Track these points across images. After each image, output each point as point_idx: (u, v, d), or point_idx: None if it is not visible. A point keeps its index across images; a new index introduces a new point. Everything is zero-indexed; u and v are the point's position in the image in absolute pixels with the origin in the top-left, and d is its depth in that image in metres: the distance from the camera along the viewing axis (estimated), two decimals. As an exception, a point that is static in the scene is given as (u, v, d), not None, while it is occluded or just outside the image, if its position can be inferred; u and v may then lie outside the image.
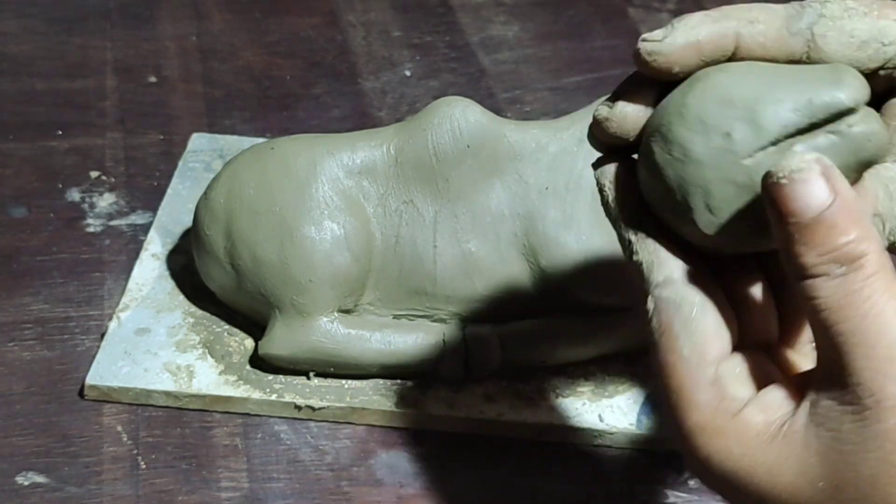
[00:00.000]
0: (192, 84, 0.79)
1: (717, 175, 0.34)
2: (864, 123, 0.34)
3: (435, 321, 0.57)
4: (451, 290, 0.57)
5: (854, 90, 0.34)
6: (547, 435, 0.55)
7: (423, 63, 0.83)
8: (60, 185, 0.69)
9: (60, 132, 0.74)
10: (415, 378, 0.57)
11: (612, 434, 0.55)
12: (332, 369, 0.56)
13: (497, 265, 0.56)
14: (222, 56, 0.83)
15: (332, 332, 0.56)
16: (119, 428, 0.55)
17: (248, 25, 0.86)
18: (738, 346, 0.36)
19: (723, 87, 0.35)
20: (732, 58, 0.36)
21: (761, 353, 0.37)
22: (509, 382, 0.57)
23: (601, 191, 0.38)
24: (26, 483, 0.52)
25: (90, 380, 0.56)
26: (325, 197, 0.56)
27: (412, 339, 0.56)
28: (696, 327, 0.35)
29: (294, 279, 0.55)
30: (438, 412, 0.55)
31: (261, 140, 0.70)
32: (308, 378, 0.56)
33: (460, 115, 0.57)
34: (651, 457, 0.55)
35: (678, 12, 0.90)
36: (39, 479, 0.52)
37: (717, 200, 0.35)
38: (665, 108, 0.36)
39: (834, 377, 0.32)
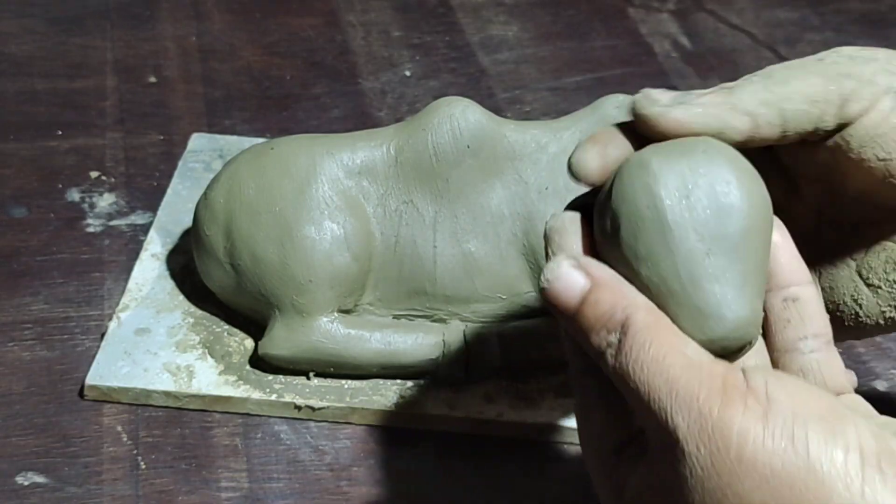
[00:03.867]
0: (192, 84, 0.79)
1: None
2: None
3: (435, 321, 0.57)
4: (451, 290, 0.57)
5: (731, 340, 0.34)
6: (547, 435, 0.55)
7: (423, 63, 0.83)
8: (60, 185, 0.69)
9: (60, 132, 0.74)
10: (415, 378, 0.57)
11: (612, 434, 0.55)
12: (332, 369, 0.56)
13: (497, 265, 0.57)
14: (222, 56, 0.83)
15: (332, 333, 0.56)
16: (119, 428, 0.55)
17: (247, 25, 0.86)
18: None
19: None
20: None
21: None
22: (509, 382, 0.57)
23: (549, 241, 0.38)
24: (26, 483, 0.52)
25: (90, 380, 0.56)
26: (325, 197, 0.56)
27: (412, 339, 0.56)
28: (605, 414, 0.36)
29: (294, 279, 0.55)
30: (438, 412, 0.55)
31: (261, 140, 0.70)
32: (308, 378, 0.56)
33: (460, 115, 0.57)
34: (651, 457, 0.55)
35: (678, 12, 0.90)
36: (39, 479, 0.52)
37: None
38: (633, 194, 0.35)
39: (649, 428, 0.34)
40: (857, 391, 0.38)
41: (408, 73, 0.82)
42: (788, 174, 0.41)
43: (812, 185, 0.41)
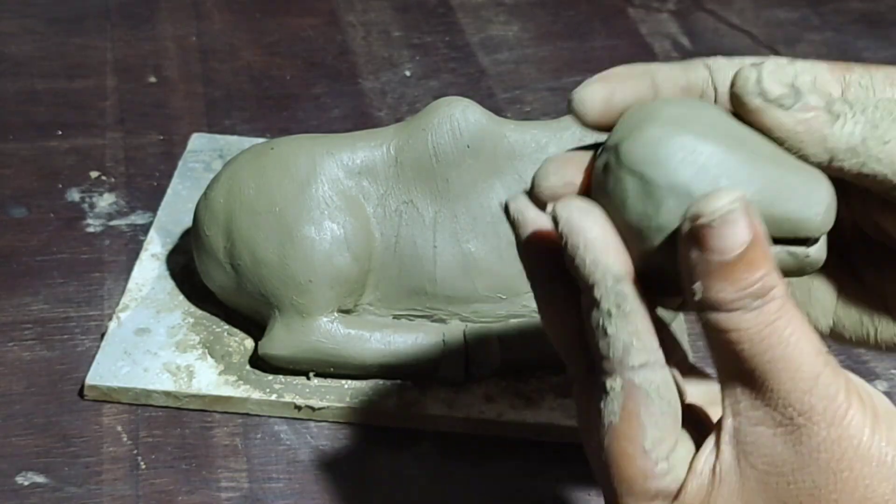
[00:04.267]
0: (192, 84, 0.79)
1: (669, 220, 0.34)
2: (819, 253, 0.35)
3: (435, 321, 0.57)
4: (451, 290, 0.57)
5: (830, 218, 0.34)
6: (547, 435, 0.55)
7: (423, 63, 0.83)
8: (60, 185, 0.69)
9: (60, 132, 0.74)
10: (415, 378, 0.57)
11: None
12: (332, 369, 0.56)
13: (497, 265, 0.57)
14: (222, 56, 0.83)
15: (331, 333, 0.56)
16: (119, 428, 0.55)
17: (247, 25, 0.86)
18: None
19: (708, 150, 0.34)
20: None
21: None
22: (509, 382, 0.57)
23: (569, 242, 0.35)
24: (26, 483, 0.52)
25: (90, 380, 0.56)
26: (325, 197, 0.56)
27: (412, 339, 0.56)
28: (663, 421, 0.34)
29: (294, 279, 0.55)
30: (438, 412, 0.55)
31: (261, 140, 0.70)
32: (308, 378, 0.56)
33: (460, 115, 0.57)
34: (651, 457, 0.55)
35: (678, 12, 0.90)
36: (39, 479, 0.52)
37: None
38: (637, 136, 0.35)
39: (758, 404, 0.33)
40: None
41: (408, 73, 0.82)
42: (844, 181, 0.39)
43: (867, 255, 0.40)
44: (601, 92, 0.36)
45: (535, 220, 0.36)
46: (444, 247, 0.56)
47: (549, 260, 0.36)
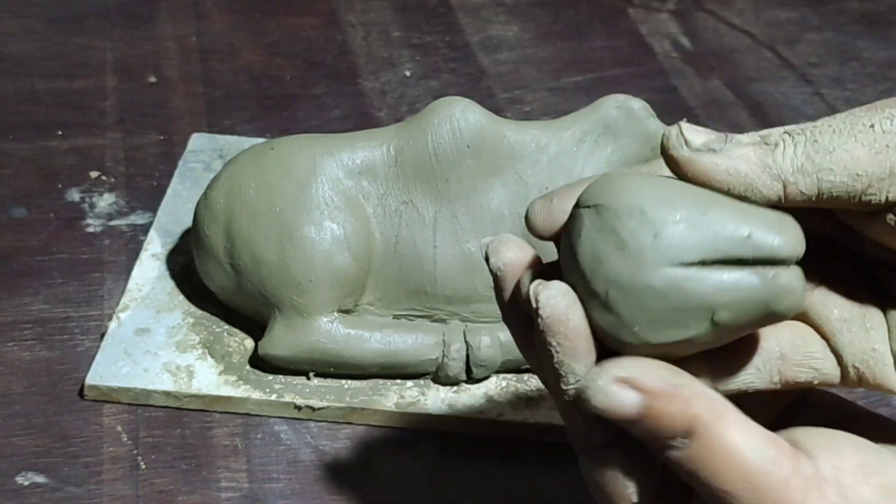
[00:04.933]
0: (192, 84, 0.79)
1: (632, 270, 0.34)
2: (791, 278, 0.34)
3: (435, 321, 0.57)
4: (451, 290, 0.57)
5: (796, 244, 0.34)
6: (547, 435, 0.55)
7: (423, 63, 0.83)
8: (60, 185, 0.69)
9: (60, 132, 0.74)
10: (415, 378, 0.57)
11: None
12: (332, 369, 0.56)
13: (497, 265, 0.56)
14: (222, 56, 0.83)
15: (331, 332, 0.56)
16: (119, 428, 0.55)
17: (247, 25, 0.86)
18: None
19: (668, 187, 0.34)
20: None
21: None
22: (509, 382, 0.57)
23: (543, 334, 0.35)
24: (26, 483, 0.52)
25: (90, 380, 0.56)
26: (325, 197, 0.56)
27: (412, 339, 0.56)
28: (644, 478, 0.36)
29: (294, 279, 0.55)
30: (438, 412, 0.55)
31: (261, 140, 0.70)
32: (308, 378, 0.56)
33: (460, 115, 0.57)
34: (651, 457, 0.55)
35: (678, 12, 0.91)
36: (39, 479, 0.52)
37: (627, 297, 0.34)
38: (607, 185, 0.35)
39: None
40: (857, 394, 0.39)
41: (408, 73, 0.82)
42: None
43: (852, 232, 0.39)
44: (542, 203, 0.37)
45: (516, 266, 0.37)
46: (444, 247, 0.56)
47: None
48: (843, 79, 0.84)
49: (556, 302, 0.34)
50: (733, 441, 0.33)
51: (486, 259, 0.38)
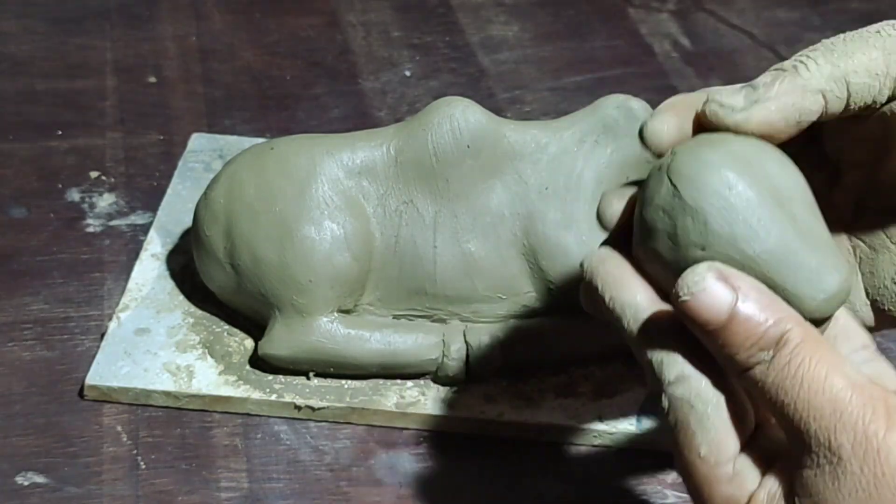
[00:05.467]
0: (192, 84, 0.79)
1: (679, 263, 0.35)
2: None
3: (435, 321, 0.57)
4: (451, 290, 0.56)
5: (830, 307, 0.35)
6: (547, 435, 0.55)
7: (423, 63, 0.83)
8: (60, 185, 0.69)
9: (60, 132, 0.74)
10: (415, 378, 0.57)
11: (612, 434, 0.55)
12: (331, 369, 0.56)
13: (497, 265, 0.56)
14: (222, 56, 0.83)
15: (331, 332, 0.56)
16: (119, 428, 0.55)
17: (247, 25, 0.86)
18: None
19: (741, 180, 0.35)
20: None
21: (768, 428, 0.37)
22: (509, 382, 0.57)
23: (593, 286, 0.37)
24: (26, 483, 0.52)
25: (90, 380, 0.56)
26: (325, 197, 0.56)
27: (412, 339, 0.56)
28: (711, 425, 0.35)
29: (294, 279, 0.55)
30: (438, 412, 0.55)
31: (261, 140, 0.70)
32: (308, 378, 0.56)
33: (460, 115, 0.57)
34: (651, 457, 0.55)
35: (678, 12, 0.90)
36: (39, 479, 0.52)
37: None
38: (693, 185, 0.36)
39: (800, 449, 0.34)
40: None
41: (408, 73, 0.82)
42: (830, 163, 0.41)
43: (854, 172, 0.41)
44: (673, 121, 0.37)
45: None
46: (444, 247, 0.56)
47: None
48: (843, 79, 0.84)
49: (600, 255, 0.37)
50: (822, 362, 0.33)
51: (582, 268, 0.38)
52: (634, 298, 0.36)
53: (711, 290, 0.33)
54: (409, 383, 0.57)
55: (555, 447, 0.55)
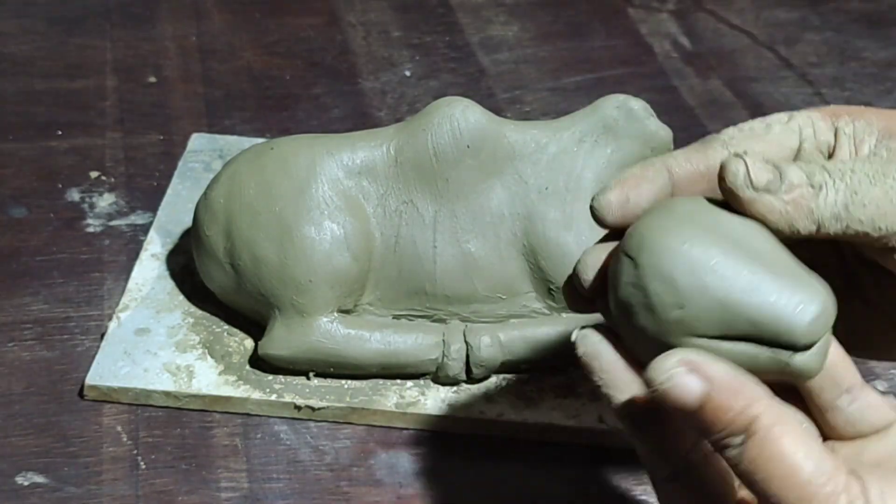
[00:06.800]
0: (191, 84, 0.79)
1: (658, 331, 0.36)
2: (808, 362, 0.36)
3: (435, 321, 0.57)
4: (451, 290, 0.57)
5: (816, 329, 0.35)
6: (547, 435, 0.55)
7: (423, 63, 0.83)
8: (60, 185, 0.69)
9: (60, 132, 0.74)
10: (415, 378, 0.57)
11: (612, 434, 0.55)
12: (331, 369, 0.56)
13: (497, 265, 0.57)
14: (222, 56, 0.83)
15: (331, 332, 0.56)
16: (119, 428, 0.55)
17: (247, 25, 0.86)
18: None
19: (708, 234, 0.36)
20: None
21: None
22: (509, 382, 0.57)
23: (585, 365, 0.39)
24: (26, 483, 0.52)
25: (90, 380, 0.56)
26: (325, 197, 0.56)
27: (412, 339, 0.56)
28: None
29: (294, 279, 0.55)
30: (438, 412, 0.55)
31: (261, 140, 0.70)
32: (308, 378, 0.56)
33: (460, 115, 0.57)
34: (651, 457, 0.55)
35: (678, 13, 0.91)
36: (39, 479, 0.52)
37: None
38: (641, 243, 0.37)
39: None
40: None
41: (408, 73, 0.82)
42: (847, 266, 0.42)
43: (870, 278, 0.42)
44: (618, 196, 0.39)
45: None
46: (444, 247, 0.56)
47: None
48: (843, 79, 0.84)
49: (589, 340, 0.38)
50: (790, 450, 0.34)
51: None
52: (623, 394, 0.38)
53: (681, 382, 0.34)
54: (409, 383, 0.57)
55: (555, 447, 0.55)
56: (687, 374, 0.34)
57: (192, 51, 0.83)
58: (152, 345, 0.57)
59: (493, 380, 0.57)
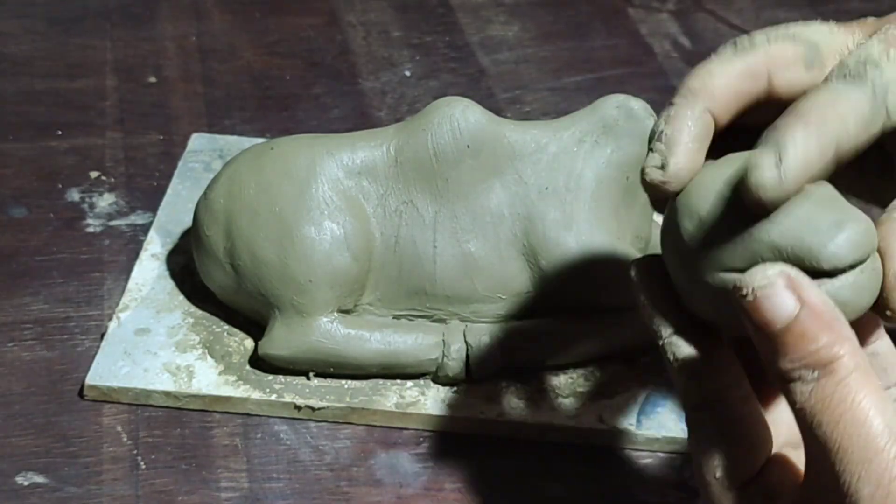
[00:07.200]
0: (191, 84, 0.79)
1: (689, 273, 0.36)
2: (846, 291, 0.34)
3: (435, 321, 0.57)
4: (451, 290, 0.57)
5: (849, 252, 0.34)
6: (547, 435, 0.55)
7: (423, 63, 0.83)
8: (60, 185, 0.69)
9: (60, 132, 0.74)
10: (415, 378, 0.57)
11: (612, 434, 0.55)
12: (331, 369, 0.56)
13: (497, 265, 0.57)
14: (222, 56, 0.83)
15: (331, 332, 0.56)
16: (119, 428, 0.55)
17: (247, 25, 0.86)
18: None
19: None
20: None
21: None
22: (509, 382, 0.57)
23: (636, 293, 0.38)
24: (26, 483, 0.52)
25: (90, 380, 0.56)
26: (325, 197, 0.56)
27: (412, 339, 0.56)
28: (728, 450, 0.35)
29: (294, 279, 0.55)
30: (438, 412, 0.55)
31: (261, 140, 0.70)
32: (308, 378, 0.56)
33: (460, 115, 0.57)
34: (651, 457, 0.55)
35: (678, 13, 0.90)
36: (39, 479, 0.52)
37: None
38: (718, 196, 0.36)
39: (821, 476, 0.33)
40: None
41: (408, 73, 0.82)
42: (886, 156, 0.40)
43: None
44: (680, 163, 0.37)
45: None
46: (444, 247, 0.56)
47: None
48: (843, 79, 0.84)
49: (644, 263, 0.38)
50: (866, 401, 0.32)
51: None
52: (670, 319, 0.37)
53: (776, 297, 0.32)
54: (409, 383, 0.57)
55: (555, 447, 0.55)
56: (785, 289, 0.32)
57: (192, 51, 0.83)
58: (152, 345, 0.57)
59: (493, 380, 0.57)
